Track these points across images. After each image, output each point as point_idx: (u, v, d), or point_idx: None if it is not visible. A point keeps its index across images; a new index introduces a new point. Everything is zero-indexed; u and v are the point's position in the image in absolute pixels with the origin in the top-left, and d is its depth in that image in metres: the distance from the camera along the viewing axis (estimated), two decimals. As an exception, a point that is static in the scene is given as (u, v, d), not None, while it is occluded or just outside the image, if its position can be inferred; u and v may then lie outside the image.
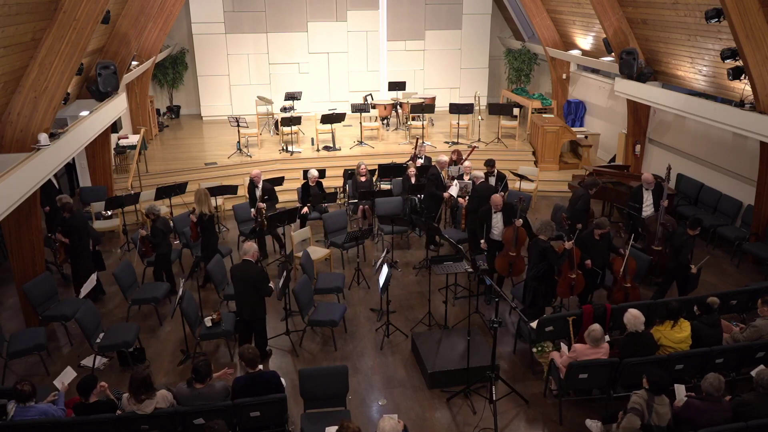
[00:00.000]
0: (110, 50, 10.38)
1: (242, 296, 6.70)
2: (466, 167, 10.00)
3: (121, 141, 12.40)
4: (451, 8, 16.92)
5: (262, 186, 9.51)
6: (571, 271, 7.21)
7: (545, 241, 6.95)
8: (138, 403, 5.03)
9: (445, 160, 10.01)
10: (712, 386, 4.93)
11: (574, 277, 7.22)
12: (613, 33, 11.09)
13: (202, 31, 16.04)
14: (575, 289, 7.32)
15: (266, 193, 9.46)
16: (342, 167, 11.89)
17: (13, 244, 7.39)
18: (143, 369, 5.19)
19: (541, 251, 6.92)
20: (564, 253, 7.12)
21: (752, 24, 7.71)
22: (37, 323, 7.38)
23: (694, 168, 10.87)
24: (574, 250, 7.16)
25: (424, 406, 6.25)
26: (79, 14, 7.08)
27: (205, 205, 8.21)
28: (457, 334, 7.08)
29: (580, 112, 15.16)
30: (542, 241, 6.95)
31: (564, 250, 7.12)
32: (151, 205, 8.40)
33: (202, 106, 16.76)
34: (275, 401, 5.25)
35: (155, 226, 8.10)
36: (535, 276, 7.03)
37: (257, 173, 9.62)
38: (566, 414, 5.98)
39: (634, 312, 5.84)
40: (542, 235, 7.00)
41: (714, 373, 5.02)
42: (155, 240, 8.08)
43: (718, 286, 8.43)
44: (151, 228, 8.12)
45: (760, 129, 8.20)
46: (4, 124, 7.02)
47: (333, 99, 16.71)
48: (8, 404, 5.06)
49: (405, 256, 9.69)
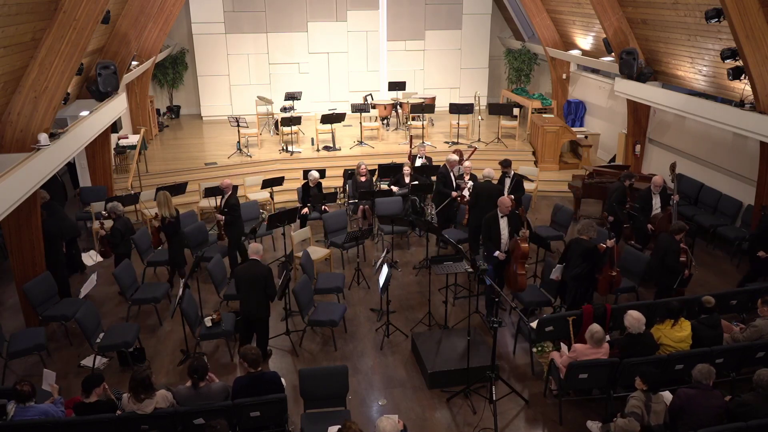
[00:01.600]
0: (110, 50, 10.38)
1: (249, 296, 6.65)
2: (466, 167, 10.02)
3: (121, 141, 12.40)
4: (451, 8, 16.92)
5: (226, 198, 8.59)
6: (611, 270, 7.23)
7: (588, 241, 6.96)
8: (138, 403, 5.03)
9: (455, 158, 9.95)
10: (701, 374, 5.00)
11: (614, 275, 7.25)
12: (613, 33, 11.09)
13: (202, 31, 16.04)
14: (614, 287, 7.36)
15: (228, 206, 8.53)
16: (342, 167, 11.90)
17: (13, 244, 7.38)
18: (143, 369, 5.19)
19: (584, 251, 6.88)
20: (606, 252, 7.10)
21: (752, 24, 7.71)
22: (37, 323, 7.38)
23: (694, 168, 10.86)
24: (615, 248, 7.21)
25: (424, 406, 6.25)
26: (79, 14, 7.07)
27: (165, 207, 8.16)
28: (457, 334, 7.08)
29: (580, 112, 15.16)
30: (585, 242, 6.94)
31: (605, 248, 7.09)
32: (113, 204, 8.38)
33: (202, 106, 16.77)
34: (275, 401, 5.25)
35: (115, 226, 8.10)
36: (577, 276, 6.96)
37: (227, 183, 8.72)
38: (566, 414, 5.98)
39: (635, 314, 5.84)
40: (584, 235, 7.01)
41: (704, 363, 5.08)
42: (114, 240, 8.06)
43: (718, 286, 8.44)
44: (111, 228, 8.11)
45: (760, 129, 8.20)
46: (4, 124, 7.02)
47: (333, 99, 16.71)
48: (8, 404, 5.06)
49: (405, 256, 9.69)
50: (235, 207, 8.58)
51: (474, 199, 8.71)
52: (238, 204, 8.69)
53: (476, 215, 8.45)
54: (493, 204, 7.72)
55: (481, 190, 8.66)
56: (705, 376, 4.98)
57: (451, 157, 9.89)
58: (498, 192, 8.49)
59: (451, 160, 9.81)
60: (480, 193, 8.59)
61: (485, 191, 8.55)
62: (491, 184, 8.82)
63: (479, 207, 8.44)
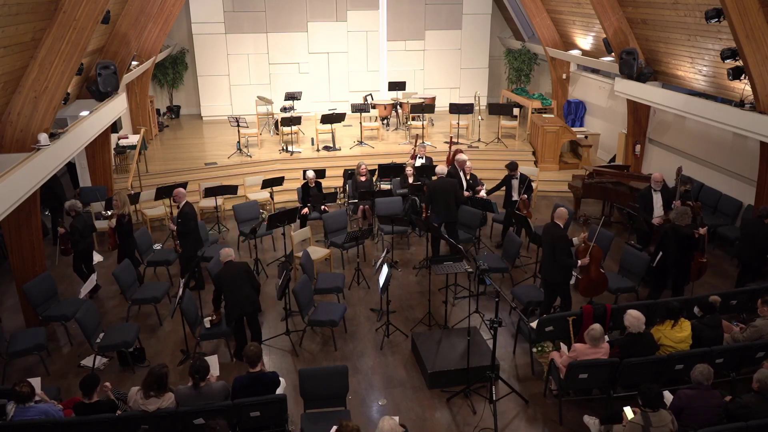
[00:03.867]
0: (110, 50, 10.38)
1: (237, 295, 6.75)
2: (466, 167, 10.01)
3: (121, 141, 12.40)
4: (451, 8, 16.92)
5: (181, 207, 8.19)
6: (702, 256, 7.65)
7: (685, 228, 7.30)
8: (144, 399, 5.04)
9: (465, 158, 9.97)
10: (702, 375, 4.99)
11: (704, 261, 7.70)
12: (613, 33, 11.09)
13: (202, 31, 16.04)
14: (702, 273, 7.80)
15: (181, 215, 8.12)
16: (342, 167, 11.89)
17: (13, 244, 7.39)
18: (162, 366, 5.19)
19: (682, 238, 7.29)
20: (699, 239, 7.47)
21: (752, 24, 7.71)
22: (37, 323, 7.38)
23: (694, 168, 10.86)
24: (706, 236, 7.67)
25: (424, 406, 6.25)
26: (79, 14, 7.08)
27: (127, 207, 8.35)
28: (457, 334, 7.08)
29: (580, 112, 15.16)
30: (683, 228, 7.30)
31: (699, 235, 7.46)
32: (72, 202, 8.35)
33: (202, 106, 16.77)
34: (275, 401, 5.25)
35: (73, 224, 8.10)
36: (676, 261, 7.41)
37: (179, 192, 8.37)
38: (566, 414, 5.98)
39: (635, 313, 5.84)
40: (680, 222, 7.34)
41: (703, 364, 5.07)
42: (73, 237, 8.06)
43: (718, 286, 8.44)
44: (70, 225, 8.11)
45: (760, 129, 8.20)
46: (4, 124, 7.02)
47: (333, 99, 16.71)
48: (8, 404, 5.06)
49: (405, 256, 9.69)
50: (189, 217, 8.12)
51: (431, 196, 8.97)
52: (194, 216, 8.27)
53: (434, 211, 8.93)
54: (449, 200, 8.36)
55: (435, 187, 8.94)
56: (705, 377, 4.98)
57: (460, 157, 9.92)
58: (452, 187, 8.86)
59: (461, 159, 9.84)
60: (435, 190, 8.90)
61: (440, 188, 8.89)
62: (445, 180, 9.09)
63: (435, 203, 8.88)
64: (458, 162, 9.78)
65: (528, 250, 9.66)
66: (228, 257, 6.88)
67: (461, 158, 9.85)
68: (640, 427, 4.67)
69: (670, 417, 4.75)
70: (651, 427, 4.64)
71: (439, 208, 8.86)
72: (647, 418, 4.68)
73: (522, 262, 9.23)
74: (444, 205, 8.83)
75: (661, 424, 4.65)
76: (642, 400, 4.77)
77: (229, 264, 6.83)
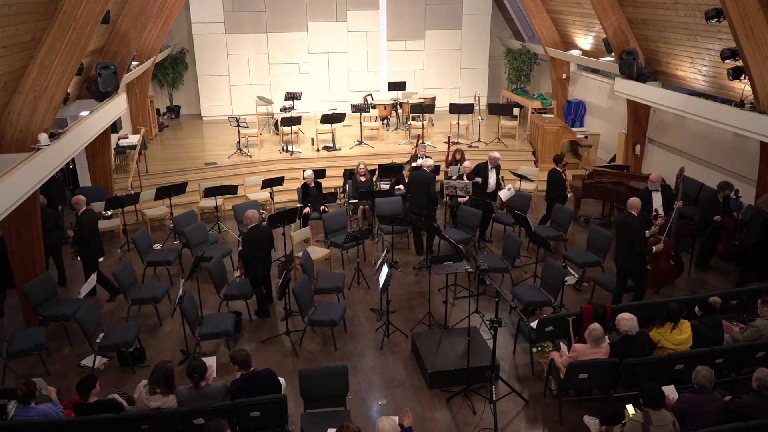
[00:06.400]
0: (110, 50, 10.38)
1: (264, 254, 7.69)
2: (465, 167, 10.03)
3: (121, 141, 12.40)
4: (451, 8, 16.92)
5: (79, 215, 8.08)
6: None
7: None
8: (149, 395, 5.06)
9: (497, 156, 10.20)
10: (705, 378, 4.96)
11: None
12: (613, 33, 11.10)
13: (202, 31, 16.05)
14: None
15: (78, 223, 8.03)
16: (342, 167, 11.90)
17: (13, 244, 7.39)
18: (167, 362, 5.19)
19: (765, 222, 7.59)
20: None
21: (752, 24, 7.71)
22: (37, 323, 7.38)
23: (694, 168, 10.86)
24: None
25: (424, 406, 6.25)
26: (79, 14, 7.08)
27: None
28: (457, 334, 7.08)
29: (580, 112, 15.16)
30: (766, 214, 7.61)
31: None
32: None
33: (202, 106, 16.77)
34: (275, 401, 5.25)
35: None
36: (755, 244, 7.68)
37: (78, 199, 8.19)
38: (566, 414, 5.98)
39: (627, 315, 5.81)
40: (765, 207, 7.63)
41: (705, 366, 5.05)
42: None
43: (718, 286, 8.44)
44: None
45: (760, 129, 8.20)
46: (4, 124, 7.02)
47: (333, 99, 16.71)
48: (8, 404, 5.06)
49: (405, 256, 9.69)
50: (85, 225, 7.97)
51: (408, 187, 9.62)
52: (93, 223, 8.16)
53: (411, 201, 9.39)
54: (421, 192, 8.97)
55: (411, 179, 9.44)
56: (709, 380, 4.93)
57: (493, 155, 10.13)
58: (425, 181, 9.09)
59: (493, 157, 10.08)
60: (411, 182, 9.42)
61: (415, 180, 9.27)
62: (421, 173, 9.36)
63: (411, 194, 9.36)
64: (491, 160, 10.01)
65: (528, 250, 9.66)
66: (254, 221, 7.55)
67: (494, 156, 10.08)
68: (641, 424, 4.67)
69: (672, 418, 4.74)
70: (651, 425, 4.64)
71: (413, 199, 9.29)
72: (648, 416, 4.68)
73: (522, 262, 9.23)
74: (417, 197, 9.19)
75: (662, 424, 4.65)
76: (643, 399, 4.76)
77: (254, 228, 7.55)
